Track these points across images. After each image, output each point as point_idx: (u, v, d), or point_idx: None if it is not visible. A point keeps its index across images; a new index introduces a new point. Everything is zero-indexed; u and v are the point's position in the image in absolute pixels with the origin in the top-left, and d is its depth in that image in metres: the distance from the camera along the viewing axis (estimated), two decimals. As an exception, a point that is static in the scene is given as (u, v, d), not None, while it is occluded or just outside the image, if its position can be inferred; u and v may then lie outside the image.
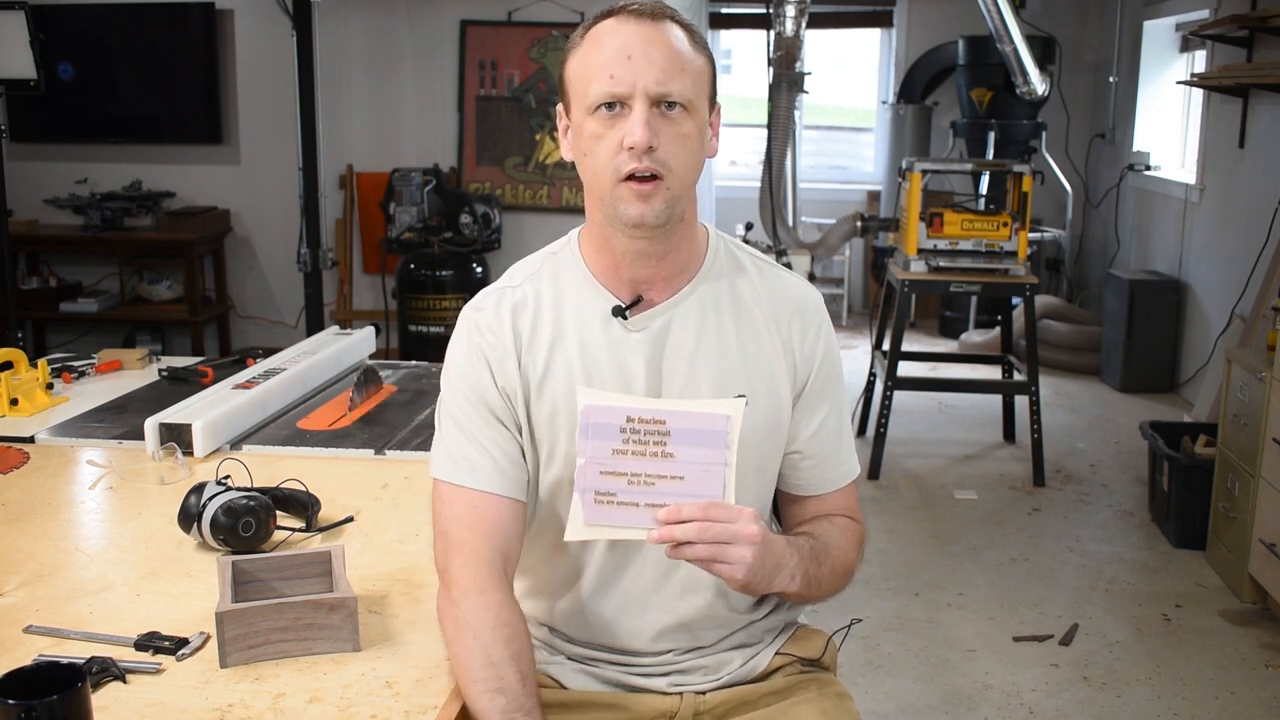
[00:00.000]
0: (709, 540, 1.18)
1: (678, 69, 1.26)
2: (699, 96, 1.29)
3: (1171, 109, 5.95)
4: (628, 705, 1.39)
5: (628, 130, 1.25)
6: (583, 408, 1.21)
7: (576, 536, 1.21)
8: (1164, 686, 2.84)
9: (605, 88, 1.25)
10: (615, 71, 1.25)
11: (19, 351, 2.23)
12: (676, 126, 1.26)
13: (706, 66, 1.31)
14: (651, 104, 1.25)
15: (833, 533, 1.40)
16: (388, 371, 2.52)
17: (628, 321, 1.35)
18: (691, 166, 1.30)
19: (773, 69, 4.57)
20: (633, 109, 1.25)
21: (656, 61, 1.25)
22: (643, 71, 1.24)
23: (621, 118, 1.26)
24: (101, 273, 6.16)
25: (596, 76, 1.26)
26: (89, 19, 5.88)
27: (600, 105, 1.26)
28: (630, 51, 1.25)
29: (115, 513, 1.76)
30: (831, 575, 1.36)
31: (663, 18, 1.28)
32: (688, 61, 1.28)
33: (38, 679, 1.04)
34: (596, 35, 1.29)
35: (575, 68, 1.30)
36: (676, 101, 1.26)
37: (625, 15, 1.28)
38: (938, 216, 4.34)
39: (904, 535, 3.78)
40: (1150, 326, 5.41)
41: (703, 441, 1.21)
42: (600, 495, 1.20)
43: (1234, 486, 3.32)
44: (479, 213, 5.40)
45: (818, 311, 1.42)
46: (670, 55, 1.26)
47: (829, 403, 1.42)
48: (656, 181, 1.26)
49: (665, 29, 1.28)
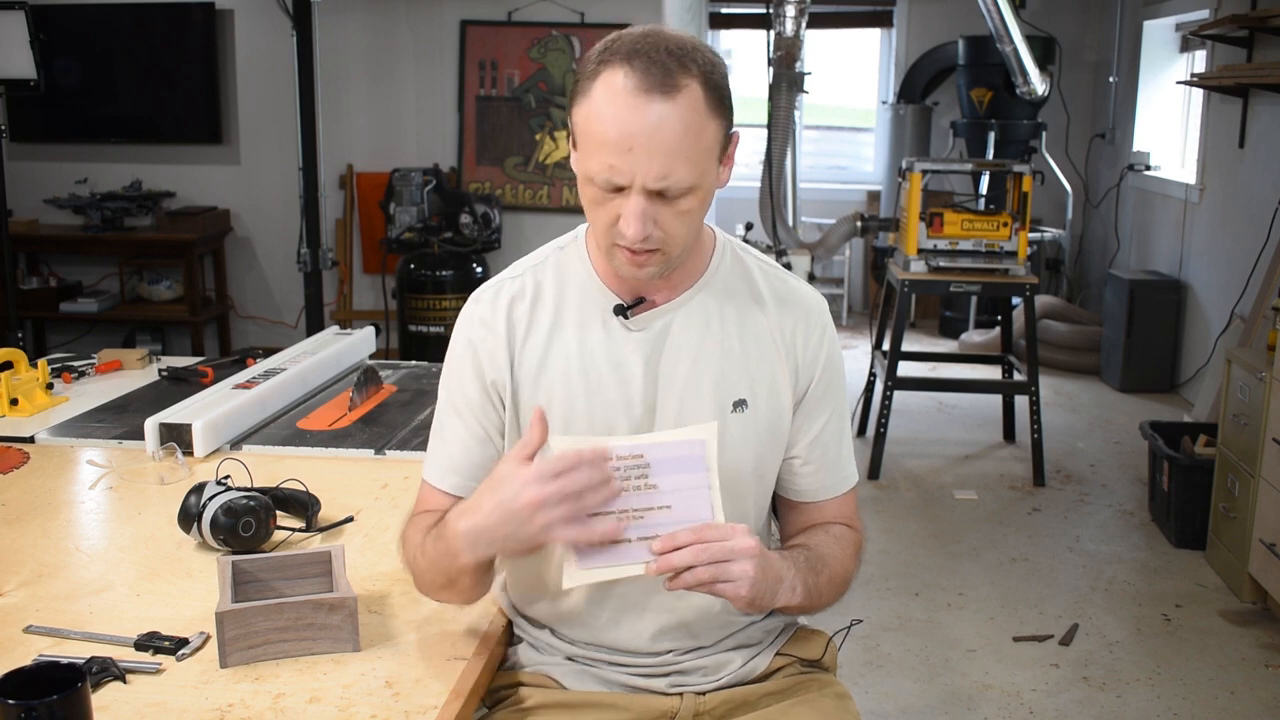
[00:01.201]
0: (707, 560, 1.17)
1: (683, 156, 1.19)
2: (705, 171, 1.23)
3: (1171, 109, 5.95)
4: (628, 705, 1.39)
5: (623, 217, 1.22)
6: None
7: (574, 583, 1.18)
8: (1164, 686, 2.85)
9: (605, 175, 1.20)
10: (615, 161, 1.19)
11: (19, 351, 2.23)
12: (676, 206, 1.23)
13: (720, 129, 1.23)
14: (650, 193, 1.21)
15: (828, 542, 1.39)
16: (388, 371, 2.52)
17: (629, 321, 1.35)
18: (692, 231, 1.27)
19: (773, 69, 4.57)
20: (630, 194, 1.21)
21: (660, 153, 1.18)
22: (644, 165, 1.18)
23: (619, 196, 1.22)
24: (101, 273, 6.16)
25: (596, 157, 1.20)
26: (89, 19, 5.88)
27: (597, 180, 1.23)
28: (634, 142, 1.17)
29: (115, 513, 1.76)
30: (830, 585, 1.36)
31: (679, 86, 1.18)
32: (697, 138, 1.20)
33: (38, 679, 1.04)
34: (603, 95, 1.19)
35: (580, 119, 1.22)
36: (676, 190, 1.22)
37: (637, 77, 1.17)
38: (938, 216, 4.34)
39: (904, 535, 3.78)
40: (1150, 326, 5.41)
41: (683, 468, 1.20)
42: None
43: (1234, 486, 3.32)
44: (479, 213, 5.39)
45: (821, 317, 1.42)
46: (678, 143, 1.18)
47: (830, 409, 1.42)
48: (652, 253, 1.25)
49: (679, 104, 1.18)
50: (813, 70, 4.82)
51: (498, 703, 1.42)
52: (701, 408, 1.34)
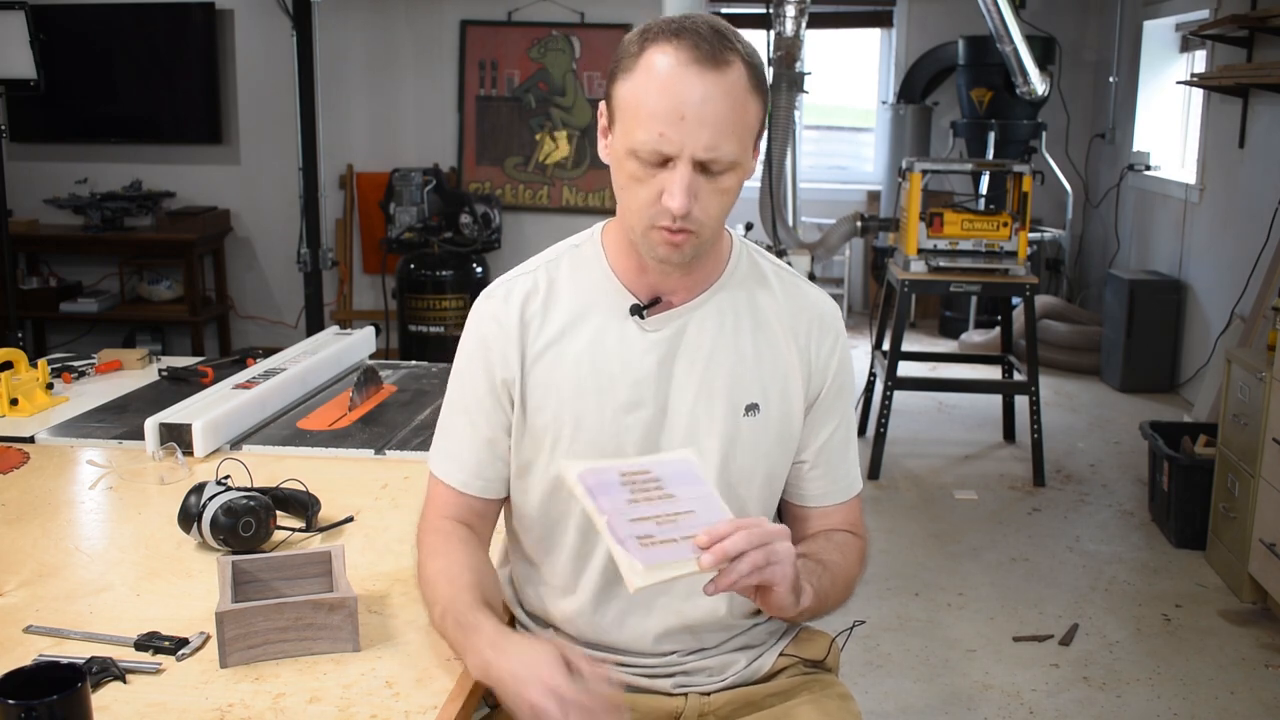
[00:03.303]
0: (757, 543, 1.15)
1: (730, 130, 1.20)
2: (747, 149, 1.24)
3: (1171, 109, 5.95)
4: (633, 705, 1.38)
5: (667, 190, 1.21)
6: (579, 473, 1.18)
7: (644, 583, 1.15)
8: (1164, 686, 2.84)
9: (653, 145, 1.20)
10: (665, 130, 1.19)
11: (19, 351, 2.23)
12: (718, 183, 1.23)
13: (760, 109, 1.25)
14: (696, 165, 1.21)
15: (830, 549, 1.39)
16: (388, 371, 2.52)
17: (645, 321, 1.34)
18: (726, 212, 1.27)
19: (773, 69, 4.57)
20: (676, 167, 1.21)
21: (709, 124, 1.19)
22: (694, 135, 1.19)
23: (663, 170, 1.22)
24: (101, 273, 6.16)
25: (645, 126, 1.20)
26: (89, 19, 5.88)
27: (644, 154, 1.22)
28: (685, 110, 1.18)
29: (115, 513, 1.76)
30: (834, 590, 1.36)
31: (725, 60, 1.19)
32: (742, 114, 1.21)
33: (38, 679, 1.04)
34: (652, 68, 1.20)
35: (624, 94, 1.23)
36: (722, 163, 1.22)
37: (686, 50, 1.19)
38: (938, 216, 4.34)
39: (904, 535, 3.78)
40: (1150, 326, 5.41)
41: (686, 481, 1.21)
42: (643, 539, 1.17)
43: (1234, 486, 3.32)
44: (479, 213, 5.39)
45: (835, 324, 1.42)
46: (726, 115, 1.19)
47: (839, 416, 1.42)
48: (688, 234, 1.25)
49: (727, 77, 1.19)
50: (813, 70, 4.83)
51: (498, 703, 1.41)
52: (714, 411, 1.34)
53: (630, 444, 1.33)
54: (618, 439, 1.33)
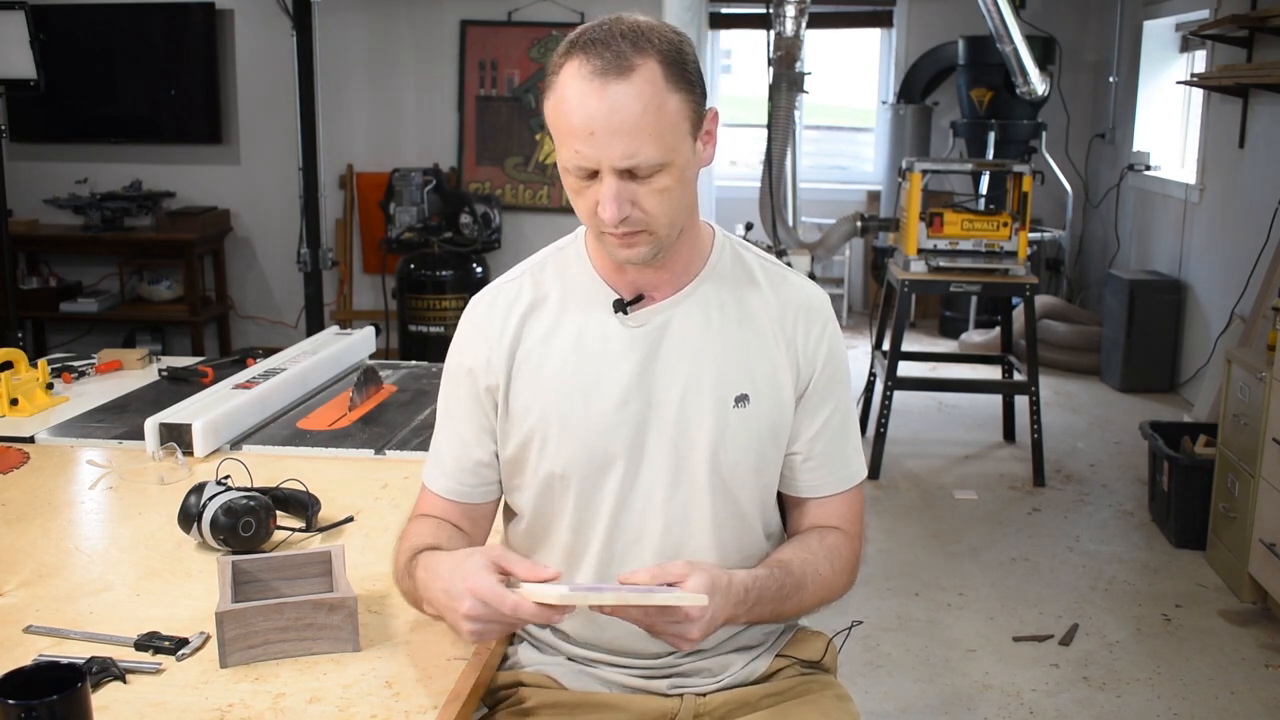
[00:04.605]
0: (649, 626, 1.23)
1: (645, 134, 1.20)
2: (675, 147, 1.23)
3: (1171, 109, 5.95)
4: (628, 706, 1.39)
5: (600, 200, 1.23)
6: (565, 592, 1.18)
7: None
8: (1164, 686, 2.84)
9: (575, 161, 1.22)
10: (580, 147, 1.21)
11: (19, 351, 2.23)
12: (651, 185, 1.23)
13: (685, 102, 1.23)
14: (621, 173, 1.22)
15: (816, 558, 1.38)
16: (388, 371, 2.52)
17: (628, 317, 1.35)
18: (676, 209, 1.27)
19: (773, 69, 4.57)
20: (603, 179, 1.23)
21: (621, 133, 1.19)
22: (607, 147, 1.20)
23: (595, 183, 1.24)
24: (101, 273, 6.16)
25: (564, 144, 1.23)
26: (89, 19, 5.88)
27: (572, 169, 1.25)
28: (593, 126, 1.19)
29: (115, 513, 1.76)
30: (799, 608, 1.38)
31: (630, 66, 1.19)
32: (658, 115, 1.20)
33: (38, 679, 1.04)
34: (565, 86, 1.22)
35: (549, 113, 1.25)
36: (646, 167, 1.22)
37: (590, 63, 1.19)
38: (938, 216, 4.34)
39: (904, 535, 3.78)
40: (1150, 326, 5.40)
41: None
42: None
43: (1234, 486, 3.32)
44: (479, 213, 5.39)
45: (823, 311, 1.42)
46: (637, 121, 1.19)
47: (832, 403, 1.41)
48: (639, 233, 1.26)
49: (633, 84, 1.19)
50: (813, 70, 4.82)
51: (498, 703, 1.42)
52: (702, 404, 1.34)
53: (619, 440, 1.34)
54: (605, 436, 1.33)
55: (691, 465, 1.35)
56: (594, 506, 1.36)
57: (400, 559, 1.36)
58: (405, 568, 1.33)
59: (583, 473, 1.34)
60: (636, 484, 1.35)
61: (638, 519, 1.36)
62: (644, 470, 1.35)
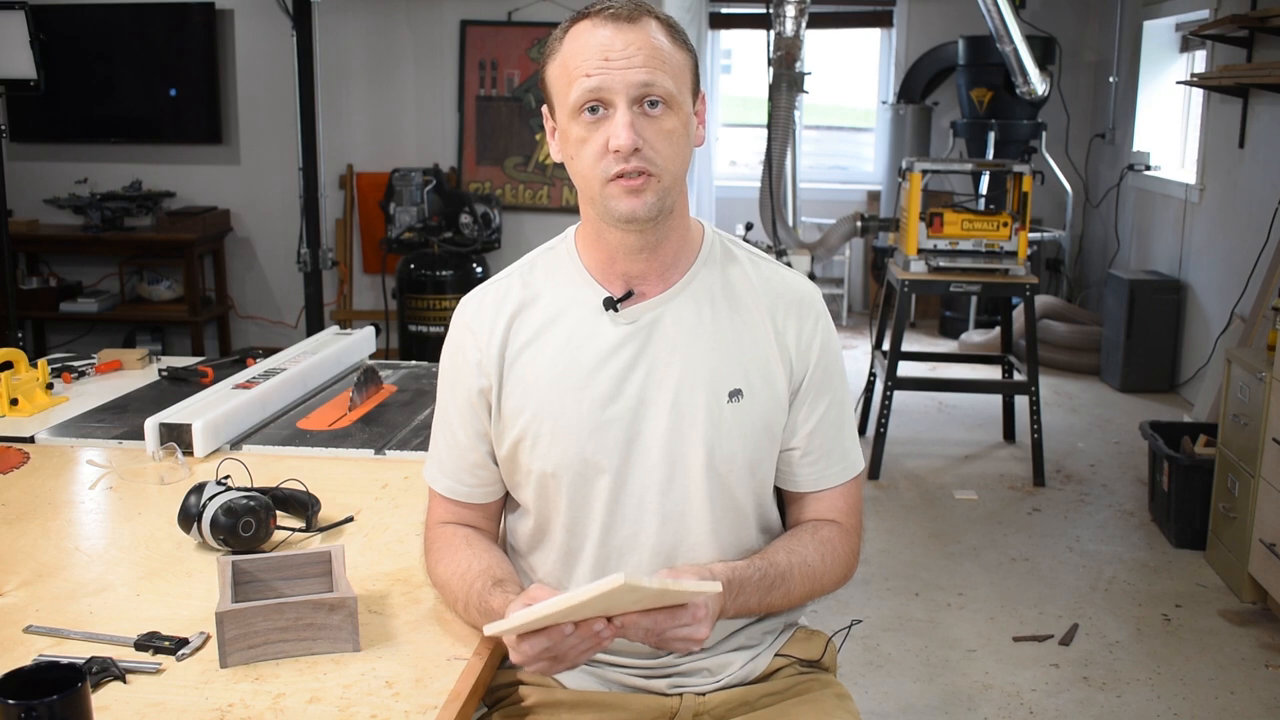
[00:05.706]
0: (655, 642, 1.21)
1: (658, 65, 1.26)
2: (681, 91, 1.29)
3: (1171, 109, 5.95)
4: (628, 705, 1.39)
5: (612, 133, 1.25)
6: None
7: (494, 630, 1.19)
8: (1164, 686, 2.84)
9: (586, 91, 1.25)
10: (594, 73, 1.25)
11: (19, 351, 2.23)
12: (660, 124, 1.27)
13: (688, 60, 1.31)
14: (633, 103, 1.25)
15: (805, 550, 1.38)
16: (388, 371, 2.52)
17: (619, 314, 1.35)
18: (679, 160, 1.30)
19: (773, 69, 4.57)
20: (615, 111, 1.25)
21: (636, 60, 1.25)
22: (622, 72, 1.24)
23: (605, 120, 1.26)
24: (101, 273, 6.16)
25: (576, 79, 1.26)
26: (89, 19, 5.88)
27: (583, 108, 1.26)
28: (608, 53, 1.25)
29: (115, 513, 1.76)
30: (787, 601, 1.37)
31: (639, 17, 1.27)
32: (668, 57, 1.27)
33: (38, 679, 1.04)
34: (574, 38, 1.28)
35: (555, 71, 1.30)
36: (659, 98, 1.26)
37: (601, 17, 1.27)
38: (938, 216, 4.34)
39: (904, 535, 3.78)
40: (1150, 326, 5.41)
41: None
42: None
43: (1234, 486, 3.32)
44: (479, 213, 5.39)
45: (814, 305, 1.42)
46: (650, 52, 1.26)
47: (828, 397, 1.41)
48: (646, 178, 1.27)
49: (643, 27, 1.27)
50: (813, 70, 4.82)
51: (497, 702, 1.42)
52: (696, 399, 1.34)
53: (611, 438, 1.34)
54: (598, 434, 1.33)
55: (686, 462, 1.34)
56: (588, 505, 1.36)
57: (458, 587, 1.34)
58: (466, 608, 1.32)
59: (575, 470, 1.34)
60: (631, 482, 1.35)
61: (633, 516, 1.36)
62: (638, 468, 1.35)
